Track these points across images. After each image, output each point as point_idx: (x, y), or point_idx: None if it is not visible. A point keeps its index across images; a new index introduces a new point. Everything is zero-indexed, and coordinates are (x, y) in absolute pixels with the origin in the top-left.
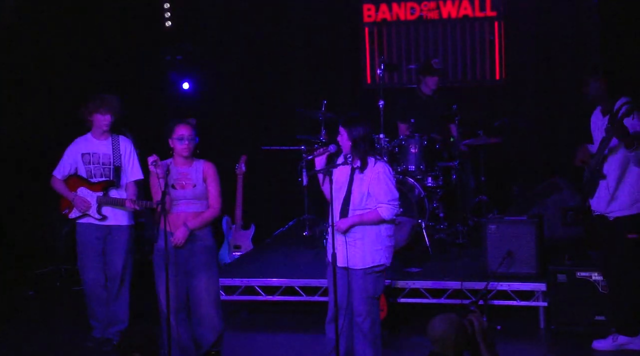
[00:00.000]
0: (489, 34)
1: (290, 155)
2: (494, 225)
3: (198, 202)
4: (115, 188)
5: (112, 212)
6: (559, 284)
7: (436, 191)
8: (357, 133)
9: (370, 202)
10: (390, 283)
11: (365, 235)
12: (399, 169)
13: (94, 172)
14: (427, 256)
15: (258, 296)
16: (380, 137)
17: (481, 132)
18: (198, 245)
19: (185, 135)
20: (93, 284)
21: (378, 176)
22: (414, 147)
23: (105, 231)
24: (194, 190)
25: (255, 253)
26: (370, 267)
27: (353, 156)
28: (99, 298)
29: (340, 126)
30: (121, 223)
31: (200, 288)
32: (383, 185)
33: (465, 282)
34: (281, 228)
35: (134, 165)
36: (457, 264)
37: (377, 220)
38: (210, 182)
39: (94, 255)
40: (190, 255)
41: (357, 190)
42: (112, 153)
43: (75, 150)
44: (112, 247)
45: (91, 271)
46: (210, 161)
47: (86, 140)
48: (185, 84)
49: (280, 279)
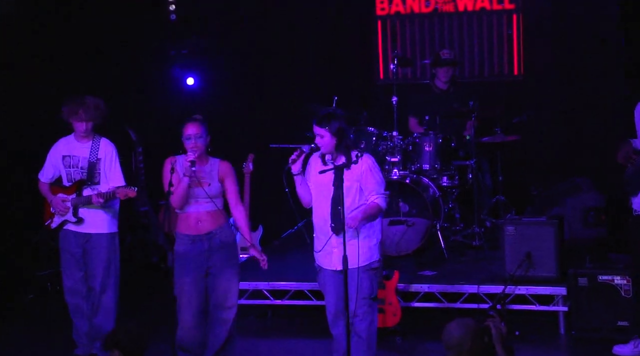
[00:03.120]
0: (507, 27)
1: None
2: (512, 227)
3: (212, 201)
4: (89, 186)
5: (91, 217)
6: (579, 288)
7: (452, 191)
8: (338, 128)
9: (362, 197)
10: (404, 287)
11: (360, 232)
12: (413, 168)
13: (73, 175)
14: (443, 258)
15: (266, 301)
16: (394, 134)
17: (499, 129)
18: (216, 242)
19: (192, 134)
20: (71, 294)
21: (369, 168)
22: (428, 145)
23: (84, 238)
24: (209, 189)
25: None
26: (366, 264)
27: (336, 154)
28: (79, 310)
29: (316, 126)
30: (100, 230)
31: (220, 290)
32: (376, 176)
33: (482, 286)
34: (290, 230)
35: (114, 171)
36: (474, 267)
37: (378, 211)
38: (230, 182)
39: (73, 263)
40: (209, 254)
41: (350, 188)
42: (89, 156)
43: (56, 152)
44: (92, 257)
45: (69, 280)
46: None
47: (68, 142)
48: (190, 79)
49: (289, 282)
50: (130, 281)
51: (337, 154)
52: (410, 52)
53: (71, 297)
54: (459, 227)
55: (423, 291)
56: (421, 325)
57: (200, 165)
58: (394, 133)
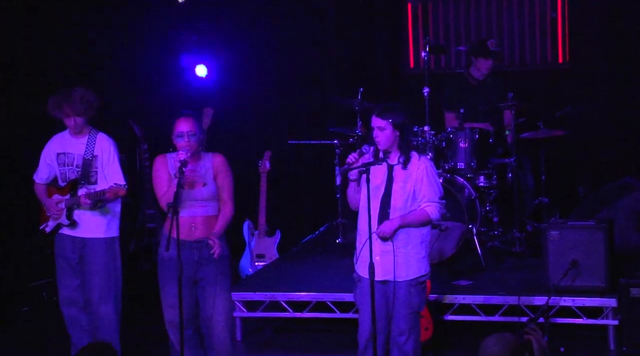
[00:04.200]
0: (551, 10)
1: (321, 151)
2: (556, 231)
3: (209, 204)
4: (85, 186)
5: (87, 220)
6: (631, 299)
7: (489, 192)
8: (401, 122)
9: (414, 203)
10: (437, 298)
11: (410, 241)
12: (447, 167)
13: (68, 175)
14: (479, 267)
15: (284, 313)
16: (425, 129)
17: (541, 123)
18: (208, 253)
19: (185, 131)
20: (67, 305)
21: (426, 172)
22: (463, 141)
23: (80, 244)
24: (205, 190)
25: (281, 263)
26: (415, 277)
27: (394, 151)
28: (76, 322)
29: (376, 117)
30: (97, 235)
31: (208, 306)
32: (432, 181)
33: (522, 297)
34: (311, 235)
35: (112, 169)
36: (514, 276)
37: (424, 221)
38: (223, 177)
39: (68, 270)
40: (199, 265)
41: (400, 191)
42: (84, 153)
43: (50, 150)
44: (88, 264)
45: (64, 289)
46: (219, 152)
47: (62, 138)
48: (201, 69)
49: (309, 293)
50: (134, 292)
51: (395, 152)
52: (444, 38)
53: (67, 308)
54: (498, 232)
55: (458, 303)
56: (455, 341)
57: (193, 164)
58: (426, 128)
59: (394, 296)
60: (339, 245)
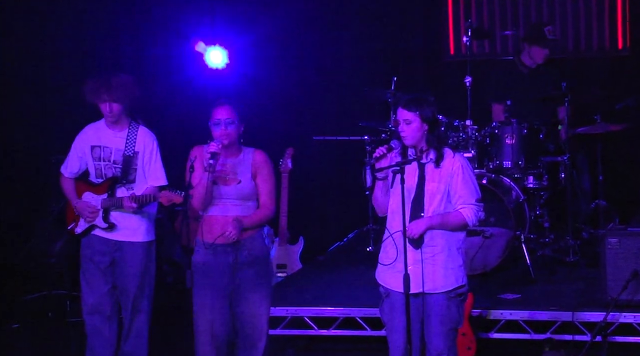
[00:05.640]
0: None
1: (350, 148)
2: (615, 239)
3: (243, 204)
4: (124, 185)
5: (123, 221)
6: None
7: (539, 194)
8: (431, 115)
9: (449, 205)
10: (480, 314)
11: (447, 247)
12: (491, 166)
13: (104, 171)
14: (528, 278)
15: (309, 330)
16: (467, 124)
17: (599, 116)
18: (245, 255)
19: (223, 118)
20: (91, 313)
21: (461, 170)
22: (510, 137)
23: (114, 247)
24: (239, 187)
25: (305, 274)
26: (453, 289)
27: (423, 147)
28: (98, 333)
29: (402, 109)
30: (134, 239)
31: (246, 316)
32: (468, 181)
33: (577, 312)
34: (338, 242)
35: (155, 167)
36: (567, 289)
37: (459, 225)
38: (264, 178)
39: (98, 275)
40: (234, 269)
41: (433, 191)
42: (124, 148)
43: (83, 141)
44: (123, 270)
45: (91, 296)
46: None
47: (98, 129)
48: (215, 56)
49: (337, 308)
50: None
51: (425, 148)
52: (488, 22)
53: (91, 317)
54: (549, 239)
55: (504, 319)
56: None
57: (228, 157)
58: (467, 122)
59: (429, 311)
60: (370, 254)
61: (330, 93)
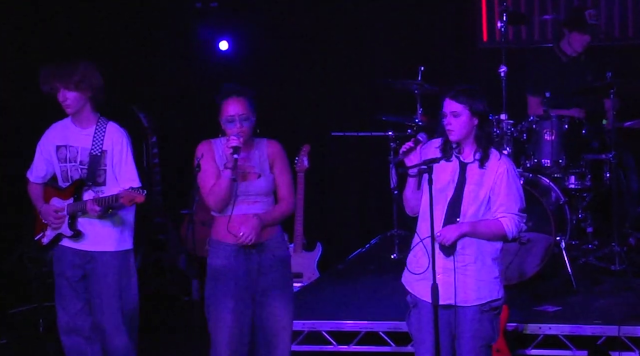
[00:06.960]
0: None
1: (372, 144)
2: None
3: (264, 200)
4: (91, 188)
5: (93, 230)
6: None
7: (582, 195)
8: (482, 108)
9: (487, 212)
10: (516, 328)
11: (481, 257)
12: (528, 164)
13: (70, 173)
14: (569, 289)
15: (327, 346)
16: (502, 118)
17: None
18: (269, 258)
19: (237, 114)
20: (67, 333)
21: (507, 176)
22: (549, 133)
23: (84, 258)
24: (260, 182)
25: (323, 284)
26: (487, 302)
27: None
28: (79, 354)
29: (450, 101)
30: (107, 248)
31: (271, 323)
32: (513, 189)
33: (624, 327)
34: (359, 249)
35: (126, 168)
36: (613, 300)
37: (497, 234)
38: (281, 169)
39: (69, 291)
40: (257, 272)
41: (473, 195)
42: (91, 147)
43: (48, 141)
44: (95, 284)
45: (64, 314)
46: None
47: (64, 128)
48: (223, 43)
49: (358, 321)
50: (140, 319)
51: (470, 147)
52: (525, 6)
53: (67, 337)
54: (592, 246)
55: (543, 333)
56: None
57: (245, 151)
58: (502, 116)
59: (461, 325)
60: (395, 262)
61: (349, 85)
